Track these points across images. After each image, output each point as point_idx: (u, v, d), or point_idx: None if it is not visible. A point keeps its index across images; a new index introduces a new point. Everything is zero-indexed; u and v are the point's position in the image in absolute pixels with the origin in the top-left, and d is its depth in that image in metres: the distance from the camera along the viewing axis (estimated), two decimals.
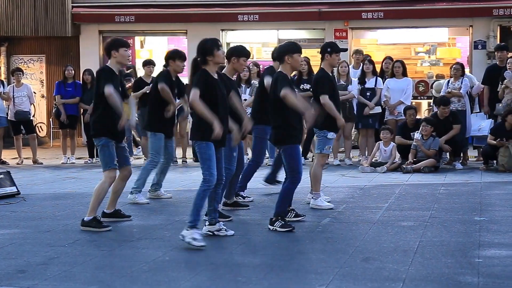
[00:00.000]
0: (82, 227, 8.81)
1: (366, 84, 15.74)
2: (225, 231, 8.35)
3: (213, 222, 8.34)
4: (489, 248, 7.60)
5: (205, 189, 7.85)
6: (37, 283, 6.51)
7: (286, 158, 8.74)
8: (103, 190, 8.92)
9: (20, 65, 21.73)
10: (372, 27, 20.95)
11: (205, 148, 7.85)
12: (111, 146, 8.90)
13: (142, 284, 6.51)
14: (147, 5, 21.37)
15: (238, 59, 9.25)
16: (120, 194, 9.40)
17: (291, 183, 8.69)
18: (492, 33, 19.87)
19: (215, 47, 8.04)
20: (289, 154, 8.69)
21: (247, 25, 21.07)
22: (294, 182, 8.69)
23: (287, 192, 8.73)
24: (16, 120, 17.29)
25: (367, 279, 6.44)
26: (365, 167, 14.43)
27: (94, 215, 8.84)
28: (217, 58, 8.05)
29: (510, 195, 11.26)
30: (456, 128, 14.58)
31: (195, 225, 7.77)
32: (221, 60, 8.25)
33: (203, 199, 7.89)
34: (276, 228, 8.48)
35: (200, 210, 7.88)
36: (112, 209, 9.41)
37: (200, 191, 7.84)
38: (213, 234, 8.29)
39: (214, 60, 8.04)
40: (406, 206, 10.31)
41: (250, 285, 6.38)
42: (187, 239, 7.68)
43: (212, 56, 8.01)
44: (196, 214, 7.81)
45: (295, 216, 9.21)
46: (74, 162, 17.07)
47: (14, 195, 11.59)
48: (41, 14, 21.58)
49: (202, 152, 7.87)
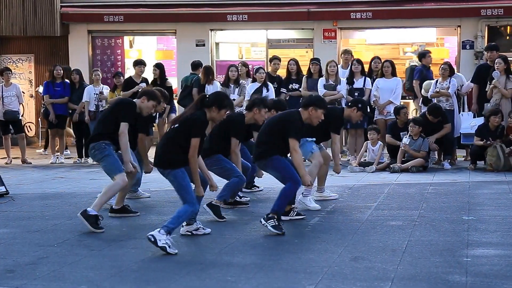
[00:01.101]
0: (80, 215, 8.79)
1: (354, 84, 15.79)
2: (203, 229, 8.50)
3: (191, 222, 8.43)
4: (477, 247, 7.63)
5: (193, 210, 7.90)
6: (26, 282, 6.51)
7: (273, 172, 8.95)
8: (113, 191, 9.04)
9: (9, 64, 21.64)
10: (360, 27, 20.95)
11: (183, 175, 7.88)
12: (113, 153, 9.08)
13: (131, 284, 6.51)
14: (136, 5, 21.32)
15: (260, 110, 9.88)
16: (127, 191, 9.71)
17: (292, 184, 8.74)
18: (480, 33, 19.91)
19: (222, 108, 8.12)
20: (274, 167, 8.87)
21: (236, 25, 21.05)
22: (296, 183, 8.75)
23: (288, 192, 8.77)
24: (4, 120, 17.25)
25: (356, 279, 6.47)
26: (354, 167, 14.47)
27: (97, 210, 8.83)
28: (217, 117, 8.14)
29: (498, 194, 11.30)
30: (447, 127, 14.62)
31: (170, 232, 7.68)
32: (218, 119, 8.28)
33: (187, 214, 7.88)
34: (267, 225, 8.44)
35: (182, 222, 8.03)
36: (120, 205, 9.63)
37: (187, 209, 7.82)
38: (191, 234, 8.42)
39: (215, 116, 8.12)
40: (394, 205, 10.35)
41: (239, 284, 6.39)
42: (161, 244, 7.51)
43: (217, 112, 8.07)
44: (178, 223, 7.81)
45: (296, 214, 9.35)
46: (63, 162, 17.04)
47: (2, 195, 11.57)
48: (29, 13, 21.50)
49: (180, 180, 7.87)
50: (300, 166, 8.69)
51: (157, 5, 21.14)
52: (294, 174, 8.72)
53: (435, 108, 14.70)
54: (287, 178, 8.76)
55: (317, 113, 8.96)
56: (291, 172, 8.74)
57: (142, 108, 9.42)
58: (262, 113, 9.89)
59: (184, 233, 8.41)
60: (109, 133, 9.12)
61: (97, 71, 17.25)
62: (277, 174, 8.93)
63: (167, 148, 7.99)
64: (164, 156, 7.98)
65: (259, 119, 9.90)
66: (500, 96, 14.90)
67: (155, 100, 9.50)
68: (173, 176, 7.90)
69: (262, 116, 9.88)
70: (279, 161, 8.83)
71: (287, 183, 8.74)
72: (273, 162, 8.85)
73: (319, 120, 9.07)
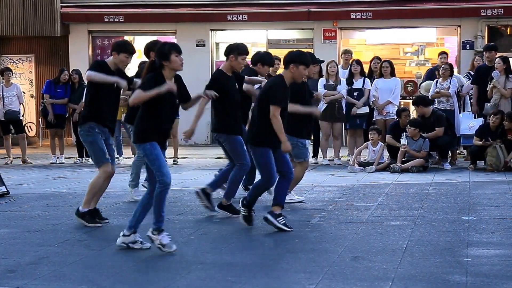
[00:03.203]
0: (76, 216, 8.93)
1: (354, 85, 15.80)
2: (141, 244, 7.78)
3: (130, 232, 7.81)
4: (477, 247, 7.63)
5: (161, 190, 7.54)
6: (27, 282, 6.51)
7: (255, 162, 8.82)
8: (97, 184, 9.00)
9: (9, 64, 21.65)
10: (360, 27, 20.98)
11: (150, 149, 7.55)
12: (99, 140, 8.93)
13: (131, 284, 6.51)
14: (136, 5, 21.34)
15: (237, 57, 9.40)
16: (102, 192, 9.32)
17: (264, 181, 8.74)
18: (480, 33, 19.94)
19: (172, 52, 7.63)
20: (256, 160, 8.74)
21: (236, 25, 21.07)
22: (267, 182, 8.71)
23: (256, 185, 8.92)
24: (5, 120, 17.26)
25: (356, 279, 6.47)
26: (354, 167, 14.47)
27: (88, 207, 8.90)
28: (173, 63, 7.62)
29: (498, 194, 11.31)
30: (439, 130, 14.58)
31: (159, 228, 7.57)
32: (177, 67, 7.65)
33: (162, 200, 7.57)
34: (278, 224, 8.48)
35: (163, 211, 7.59)
36: (93, 205, 9.18)
37: (157, 193, 7.55)
38: (127, 246, 7.75)
39: (170, 65, 7.62)
40: (395, 205, 10.35)
41: (240, 284, 6.39)
42: (157, 244, 7.53)
43: (168, 62, 7.61)
44: (160, 215, 7.58)
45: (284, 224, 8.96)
46: (63, 162, 17.04)
47: (3, 195, 11.57)
48: (30, 13, 21.52)
49: (148, 154, 7.55)
50: (280, 131, 8.38)
51: (157, 5, 21.16)
52: (271, 173, 8.59)
53: (419, 98, 14.87)
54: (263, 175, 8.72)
55: (299, 70, 8.51)
56: (268, 171, 8.60)
57: (117, 63, 9.09)
58: (239, 60, 9.51)
59: (120, 245, 7.77)
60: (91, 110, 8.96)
61: None
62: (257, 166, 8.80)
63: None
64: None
65: (236, 66, 9.53)
66: (499, 96, 14.92)
67: (125, 52, 9.05)
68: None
69: (239, 64, 9.53)
70: (262, 156, 8.60)
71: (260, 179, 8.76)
72: (256, 154, 8.66)
73: (302, 77, 8.75)
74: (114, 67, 9.09)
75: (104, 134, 9.07)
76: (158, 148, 7.58)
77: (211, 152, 18.25)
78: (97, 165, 9.03)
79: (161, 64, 7.60)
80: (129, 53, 9.10)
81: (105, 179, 9.04)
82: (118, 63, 9.10)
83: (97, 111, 8.97)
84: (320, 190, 11.75)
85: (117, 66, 9.11)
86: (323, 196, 11.21)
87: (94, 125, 8.95)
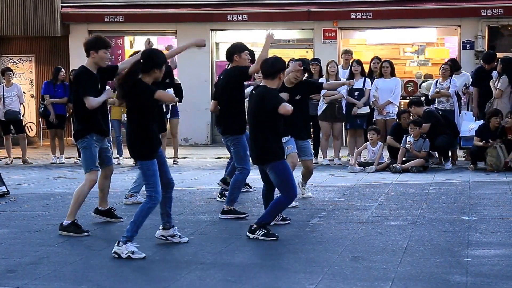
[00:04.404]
0: (60, 231, 8.61)
1: (354, 85, 15.78)
2: (179, 237, 8.03)
3: (167, 226, 8.03)
4: (477, 248, 7.64)
5: (150, 206, 7.53)
6: (27, 282, 6.52)
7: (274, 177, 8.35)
8: (82, 193, 8.70)
9: (10, 64, 21.65)
10: (361, 27, 20.97)
11: (148, 165, 7.56)
12: (93, 147, 8.73)
13: (132, 284, 6.52)
14: (136, 5, 21.33)
15: (240, 54, 9.40)
16: (107, 191, 9.31)
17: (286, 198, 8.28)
18: (480, 33, 19.92)
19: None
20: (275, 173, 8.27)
21: (236, 25, 21.06)
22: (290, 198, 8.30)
23: (280, 205, 8.36)
24: (5, 120, 17.27)
25: (357, 279, 6.47)
26: (354, 167, 14.47)
27: (72, 219, 8.62)
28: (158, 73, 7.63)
29: (498, 194, 11.31)
30: (425, 126, 14.51)
31: (130, 240, 7.46)
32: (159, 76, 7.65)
33: (145, 217, 7.55)
34: (258, 237, 8.17)
35: (139, 227, 7.54)
36: (106, 206, 9.35)
37: (145, 208, 7.52)
38: (166, 239, 8.00)
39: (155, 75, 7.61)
40: (395, 205, 10.35)
41: (240, 284, 6.40)
42: (124, 255, 7.34)
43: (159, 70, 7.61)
44: (135, 230, 7.49)
45: (282, 219, 9.06)
46: (63, 162, 17.04)
47: (3, 195, 11.58)
48: (30, 13, 21.51)
49: (146, 169, 7.55)
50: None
51: (158, 5, 21.16)
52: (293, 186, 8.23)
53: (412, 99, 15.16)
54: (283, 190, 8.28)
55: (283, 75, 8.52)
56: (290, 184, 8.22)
57: (97, 62, 8.80)
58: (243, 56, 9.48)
59: (159, 237, 8.05)
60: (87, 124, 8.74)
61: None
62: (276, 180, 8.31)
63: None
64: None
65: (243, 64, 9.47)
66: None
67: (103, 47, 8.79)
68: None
69: (245, 60, 9.53)
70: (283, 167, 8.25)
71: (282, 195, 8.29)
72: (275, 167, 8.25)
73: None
74: (94, 68, 8.83)
75: (101, 141, 8.94)
76: (156, 165, 7.59)
77: (211, 152, 18.27)
78: (85, 170, 8.77)
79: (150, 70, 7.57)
80: (107, 47, 8.83)
81: (89, 188, 8.74)
82: (98, 62, 8.80)
83: (92, 123, 8.76)
84: (320, 190, 11.75)
85: (97, 65, 8.82)
86: (323, 196, 11.21)
87: (92, 135, 8.73)
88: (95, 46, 8.80)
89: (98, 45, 8.80)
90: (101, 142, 8.93)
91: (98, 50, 8.77)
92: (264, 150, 8.24)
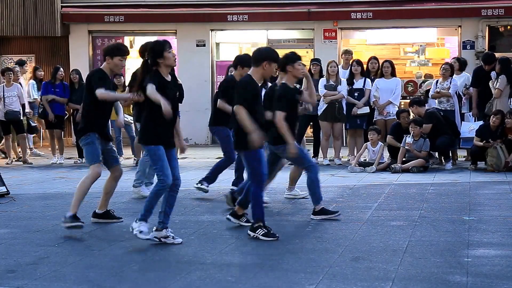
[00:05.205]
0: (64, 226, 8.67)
1: (354, 85, 15.79)
2: (172, 238, 8.03)
3: (160, 228, 8.01)
4: (477, 248, 7.64)
5: (159, 188, 7.92)
6: (27, 283, 6.51)
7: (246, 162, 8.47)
8: (84, 185, 8.73)
9: (10, 65, 21.52)
10: (361, 27, 20.96)
11: (154, 150, 7.91)
12: (97, 143, 8.81)
13: (132, 284, 6.52)
14: (136, 5, 21.33)
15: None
16: (111, 194, 9.32)
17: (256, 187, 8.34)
18: (480, 34, 19.92)
19: (166, 48, 7.99)
20: (245, 160, 8.42)
21: (236, 25, 21.05)
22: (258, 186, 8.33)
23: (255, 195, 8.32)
24: (6, 120, 17.26)
25: (357, 279, 6.47)
26: (355, 167, 14.47)
27: (74, 211, 8.63)
28: (167, 60, 7.98)
29: (498, 195, 11.31)
30: (426, 127, 14.50)
31: (145, 219, 7.93)
32: (172, 63, 8.11)
33: (157, 198, 7.96)
34: (258, 236, 8.17)
35: (153, 207, 7.97)
36: (104, 209, 9.32)
37: (155, 190, 7.96)
38: (159, 241, 7.97)
39: (164, 62, 7.97)
40: (395, 205, 10.35)
41: (240, 284, 6.39)
42: (135, 231, 7.88)
43: (162, 59, 7.94)
44: (148, 210, 7.94)
45: (246, 221, 8.93)
46: (63, 163, 17.01)
47: (3, 195, 11.56)
48: (30, 13, 21.50)
49: (152, 154, 7.94)
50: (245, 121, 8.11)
51: (158, 5, 21.16)
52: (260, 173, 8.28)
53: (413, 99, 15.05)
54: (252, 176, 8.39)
55: (271, 68, 8.40)
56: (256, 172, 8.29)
57: (112, 68, 8.93)
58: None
59: (152, 239, 7.99)
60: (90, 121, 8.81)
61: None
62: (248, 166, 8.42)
63: None
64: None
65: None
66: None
67: (119, 54, 8.89)
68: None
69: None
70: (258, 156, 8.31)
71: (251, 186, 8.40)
72: (245, 155, 8.41)
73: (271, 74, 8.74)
74: (110, 73, 9.02)
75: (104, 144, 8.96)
76: (162, 150, 7.90)
77: (211, 152, 18.24)
78: (89, 163, 8.81)
79: (156, 62, 7.91)
80: (122, 55, 8.97)
81: (92, 181, 8.76)
82: (112, 68, 8.97)
83: (96, 124, 8.84)
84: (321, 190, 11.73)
85: (112, 71, 9.04)
86: (323, 196, 11.17)
87: (95, 133, 8.81)
88: (112, 52, 8.93)
89: (115, 53, 8.93)
90: (104, 144, 8.95)
91: (114, 57, 8.90)
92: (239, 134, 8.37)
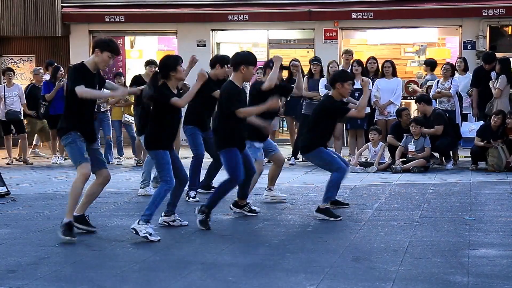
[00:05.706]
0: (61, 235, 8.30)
1: (355, 85, 15.74)
2: (180, 221, 8.92)
3: (169, 214, 8.89)
4: (478, 248, 7.63)
5: (166, 189, 8.29)
6: (28, 283, 6.51)
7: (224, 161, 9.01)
8: (75, 189, 8.30)
9: (10, 65, 21.63)
10: (361, 27, 20.96)
11: (163, 155, 8.31)
12: (79, 142, 8.31)
13: (132, 284, 6.51)
14: (137, 5, 21.33)
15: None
16: (94, 198, 8.78)
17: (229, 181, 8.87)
18: (481, 33, 19.92)
19: (179, 63, 8.46)
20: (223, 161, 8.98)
21: (237, 25, 21.05)
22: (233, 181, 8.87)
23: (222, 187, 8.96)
24: (6, 120, 17.26)
25: (358, 279, 6.46)
26: (355, 167, 14.45)
27: (70, 217, 8.25)
28: (179, 73, 8.44)
29: (499, 195, 11.29)
30: (438, 128, 14.50)
31: (149, 220, 8.15)
32: (183, 76, 8.70)
33: (162, 199, 8.29)
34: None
35: (157, 208, 8.28)
36: (81, 212, 8.64)
37: (162, 190, 8.26)
38: (168, 224, 8.85)
39: (176, 75, 8.42)
40: (396, 206, 10.34)
41: (240, 284, 6.39)
42: (143, 234, 8.03)
43: (175, 72, 8.38)
44: (154, 209, 8.20)
45: (249, 211, 9.58)
46: (63, 163, 17.00)
47: (4, 195, 11.56)
48: (31, 13, 21.50)
49: (160, 158, 8.30)
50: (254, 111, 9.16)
51: (158, 5, 21.15)
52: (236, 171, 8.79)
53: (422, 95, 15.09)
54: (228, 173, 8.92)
55: (249, 71, 8.98)
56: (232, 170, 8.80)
57: (98, 62, 8.42)
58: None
59: (161, 223, 8.86)
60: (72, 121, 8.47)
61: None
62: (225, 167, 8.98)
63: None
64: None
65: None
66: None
67: (109, 50, 8.44)
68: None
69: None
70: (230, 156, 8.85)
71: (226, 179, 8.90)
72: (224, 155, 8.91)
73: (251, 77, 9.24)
74: (93, 68, 8.47)
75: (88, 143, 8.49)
76: (168, 154, 8.32)
77: None
78: (75, 164, 8.38)
79: (168, 74, 8.36)
80: (112, 53, 8.49)
81: (82, 182, 8.32)
82: (98, 63, 8.43)
83: (77, 123, 8.44)
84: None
85: (97, 66, 8.47)
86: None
87: (76, 132, 8.38)
88: (103, 46, 8.45)
89: (106, 47, 8.44)
90: (88, 145, 8.48)
91: (104, 51, 8.41)
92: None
